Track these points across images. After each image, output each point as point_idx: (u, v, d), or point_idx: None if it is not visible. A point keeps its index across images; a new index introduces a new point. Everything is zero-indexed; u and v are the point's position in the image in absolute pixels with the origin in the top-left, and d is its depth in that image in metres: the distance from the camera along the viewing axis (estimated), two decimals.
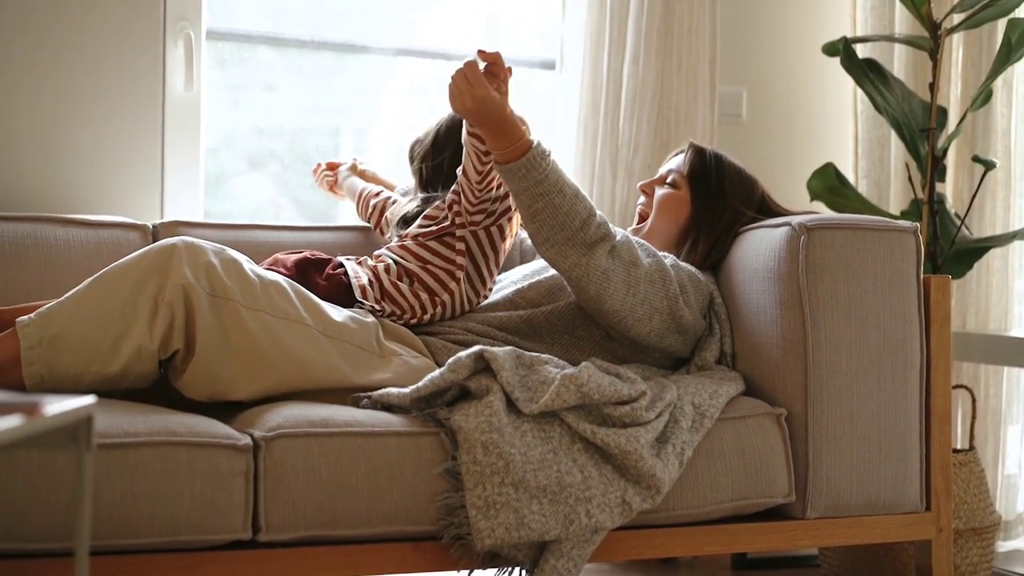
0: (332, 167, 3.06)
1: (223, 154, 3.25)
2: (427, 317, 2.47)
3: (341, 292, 2.41)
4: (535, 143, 2.31)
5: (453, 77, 2.27)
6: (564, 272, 2.38)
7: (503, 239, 2.54)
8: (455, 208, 2.48)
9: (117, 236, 2.66)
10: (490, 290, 2.57)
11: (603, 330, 2.48)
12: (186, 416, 2.10)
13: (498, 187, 2.46)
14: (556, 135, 3.24)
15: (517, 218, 2.55)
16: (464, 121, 2.39)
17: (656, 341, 2.47)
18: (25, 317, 2.10)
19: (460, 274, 2.48)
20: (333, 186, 3.04)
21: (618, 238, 2.39)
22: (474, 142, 2.38)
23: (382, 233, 2.82)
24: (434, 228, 2.50)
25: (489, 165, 2.39)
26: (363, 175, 3.00)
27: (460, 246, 2.48)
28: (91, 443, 1.55)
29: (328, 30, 3.31)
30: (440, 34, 3.40)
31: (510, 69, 2.32)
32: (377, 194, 2.88)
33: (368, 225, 2.90)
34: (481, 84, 2.25)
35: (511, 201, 2.50)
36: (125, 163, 2.90)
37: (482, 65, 2.29)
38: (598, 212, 2.37)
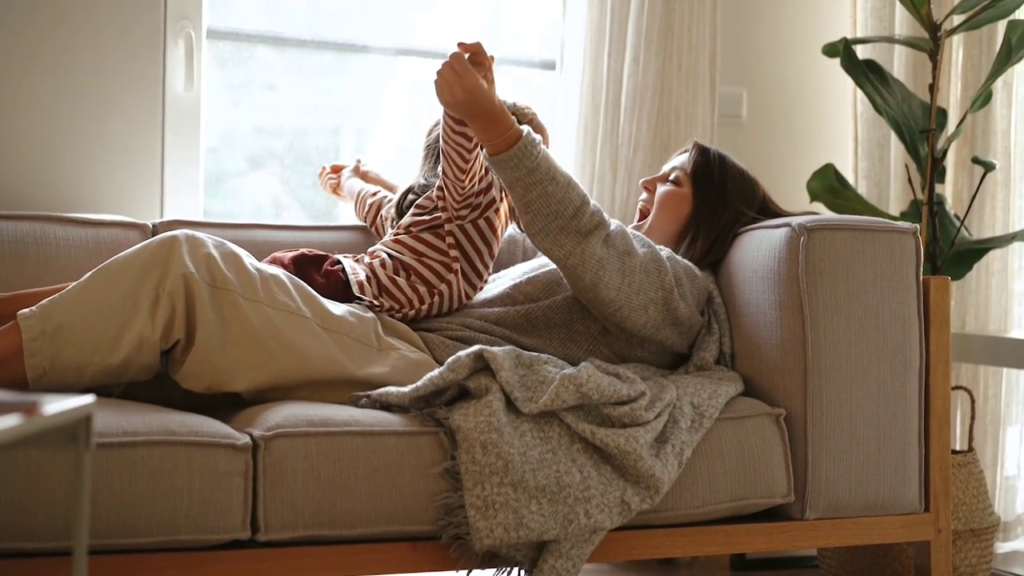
0: (336, 170, 3.07)
1: (223, 153, 3.25)
2: (424, 308, 2.47)
3: (339, 289, 2.42)
4: (525, 132, 2.30)
5: (439, 71, 2.26)
6: (559, 261, 2.37)
7: (493, 232, 2.54)
8: (441, 203, 2.49)
9: (117, 235, 2.66)
10: (485, 282, 2.57)
11: (600, 324, 2.48)
12: (185, 415, 2.10)
13: (480, 181, 2.47)
14: (556, 135, 3.24)
15: (504, 210, 2.55)
16: (442, 120, 2.38)
17: (652, 333, 2.46)
18: (27, 310, 2.10)
19: (456, 266, 2.48)
20: (336, 188, 3.05)
21: (612, 227, 2.39)
22: (458, 140, 2.37)
23: (378, 233, 2.83)
24: (426, 218, 2.51)
25: (471, 162, 2.39)
26: (365, 176, 3.01)
27: (450, 240, 2.49)
28: (90, 442, 1.55)
29: (328, 29, 3.31)
30: (440, 34, 3.40)
31: (492, 57, 2.31)
32: (374, 194, 2.89)
33: (365, 224, 2.90)
34: (470, 74, 2.24)
35: (495, 192, 2.51)
36: (125, 162, 2.90)
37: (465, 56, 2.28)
38: (592, 201, 2.37)
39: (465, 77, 2.23)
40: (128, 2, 2.89)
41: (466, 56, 2.27)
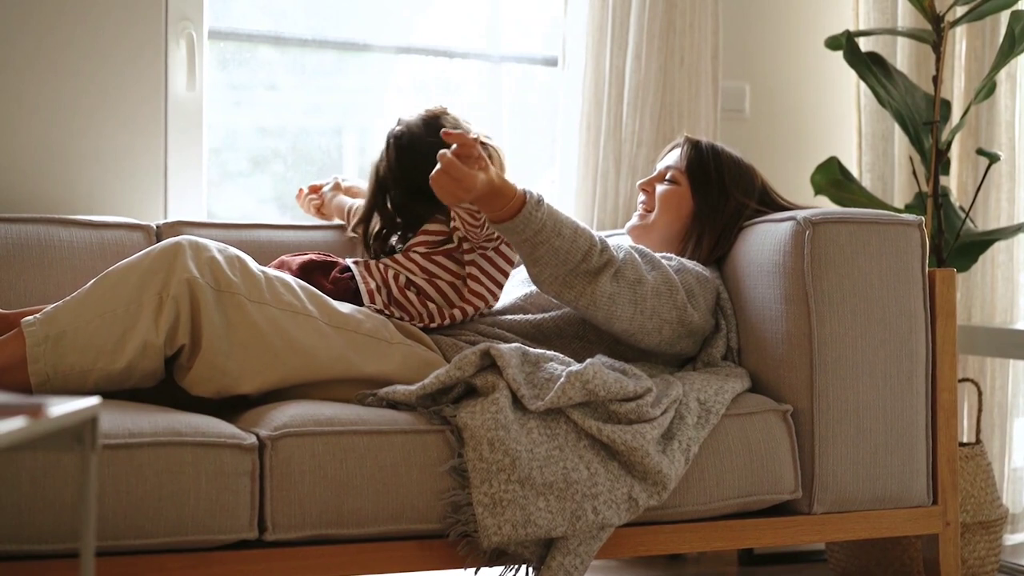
0: (315, 190, 3.00)
1: (226, 154, 3.25)
2: (434, 326, 2.45)
3: (348, 296, 2.40)
4: (528, 197, 2.22)
5: (434, 179, 2.15)
6: (570, 303, 2.35)
7: (511, 247, 2.52)
8: (458, 233, 2.46)
9: (121, 237, 2.66)
10: (500, 291, 2.55)
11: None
12: (191, 416, 2.10)
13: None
14: (559, 131, 3.24)
15: None
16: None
17: (667, 348, 2.47)
18: (31, 317, 2.11)
19: (470, 296, 2.46)
20: (320, 208, 2.99)
21: (621, 257, 2.35)
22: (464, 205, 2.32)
23: None
24: (438, 242, 2.48)
25: (482, 218, 2.36)
26: (348, 192, 2.93)
27: (472, 270, 2.47)
28: (96, 444, 1.55)
29: (329, 29, 3.31)
30: (442, 32, 3.40)
31: (477, 138, 2.18)
32: None
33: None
34: (467, 177, 2.14)
35: None
36: (128, 163, 2.90)
37: (453, 146, 2.15)
38: (598, 237, 2.32)
39: (464, 180, 2.14)
40: (129, 3, 2.89)
41: (453, 147, 2.14)
